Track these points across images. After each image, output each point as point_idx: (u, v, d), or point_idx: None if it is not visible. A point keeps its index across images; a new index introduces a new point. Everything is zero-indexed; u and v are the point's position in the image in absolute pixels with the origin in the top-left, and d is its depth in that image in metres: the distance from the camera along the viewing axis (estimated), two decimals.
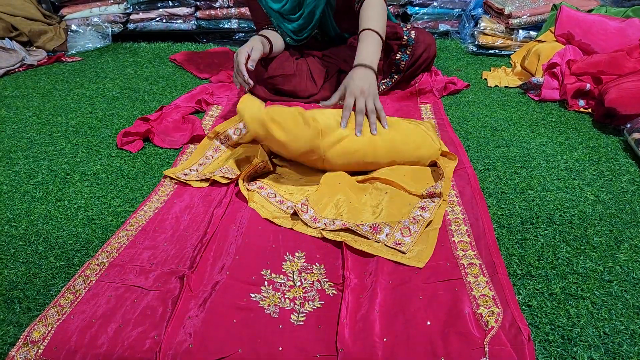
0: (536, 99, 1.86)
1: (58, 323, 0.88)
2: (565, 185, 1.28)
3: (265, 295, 0.94)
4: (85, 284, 0.99)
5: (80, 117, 1.87)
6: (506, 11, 2.44)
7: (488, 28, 2.50)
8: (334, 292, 0.95)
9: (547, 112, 1.75)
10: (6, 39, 2.55)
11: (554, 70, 1.88)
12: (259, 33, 1.81)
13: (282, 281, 0.98)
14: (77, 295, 0.95)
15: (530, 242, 1.07)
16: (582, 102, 1.75)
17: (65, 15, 2.95)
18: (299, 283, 0.98)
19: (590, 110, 1.73)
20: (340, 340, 0.82)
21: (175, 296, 0.94)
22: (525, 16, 2.43)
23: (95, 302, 0.94)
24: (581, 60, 1.82)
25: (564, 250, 1.05)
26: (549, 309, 0.90)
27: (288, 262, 1.04)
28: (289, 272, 1.01)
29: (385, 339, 0.82)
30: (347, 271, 0.98)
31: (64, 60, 2.65)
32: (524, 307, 0.90)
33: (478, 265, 0.97)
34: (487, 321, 0.83)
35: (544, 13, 2.43)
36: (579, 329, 0.85)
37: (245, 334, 0.85)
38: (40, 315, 0.90)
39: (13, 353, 0.83)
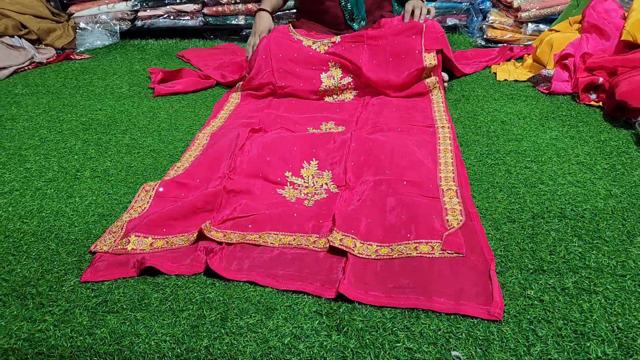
0: (546, 92, 1.85)
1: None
2: (576, 179, 1.27)
3: (287, 191, 1.32)
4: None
5: (89, 114, 1.88)
6: (515, 4, 2.42)
7: (497, 22, 2.49)
8: (337, 190, 1.31)
9: (557, 105, 1.74)
10: (15, 37, 2.56)
11: (565, 62, 1.86)
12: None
13: (300, 183, 1.35)
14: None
15: (541, 237, 1.07)
16: (593, 96, 1.74)
17: (73, 13, 2.96)
18: (312, 185, 1.34)
19: (601, 103, 1.71)
20: (336, 212, 1.15)
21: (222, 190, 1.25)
22: (534, 9, 2.41)
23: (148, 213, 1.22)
24: (597, 56, 1.80)
25: (576, 244, 1.04)
26: (561, 303, 0.89)
27: (305, 168, 1.39)
28: (305, 177, 1.37)
29: (369, 220, 1.14)
30: (348, 177, 1.33)
31: (73, 58, 2.66)
32: (536, 302, 0.90)
33: (454, 191, 1.23)
34: (451, 224, 1.10)
35: (553, 6, 2.41)
36: (592, 324, 0.85)
37: (273, 206, 1.23)
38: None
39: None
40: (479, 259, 1.00)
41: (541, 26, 2.44)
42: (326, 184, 1.34)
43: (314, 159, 1.41)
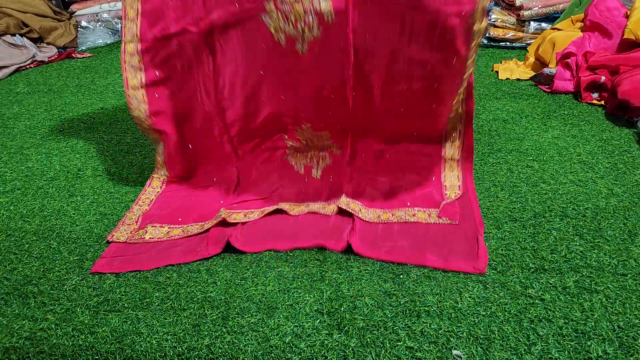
0: (548, 90, 1.84)
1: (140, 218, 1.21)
2: (578, 178, 1.27)
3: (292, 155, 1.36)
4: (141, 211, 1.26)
5: (91, 113, 1.88)
6: (517, 3, 2.41)
7: (499, 20, 2.48)
8: (339, 152, 1.32)
9: (559, 104, 1.73)
10: (17, 35, 2.57)
11: (568, 60, 1.85)
12: None
13: (297, 145, 1.34)
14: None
15: (543, 236, 1.07)
16: (595, 94, 1.73)
17: (75, 12, 2.96)
18: (311, 144, 1.34)
19: (603, 102, 1.71)
20: (344, 191, 1.22)
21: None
22: (536, 7, 2.40)
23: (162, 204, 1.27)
24: (599, 54, 1.79)
25: (578, 243, 1.04)
26: (562, 302, 0.89)
27: (298, 131, 1.33)
28: (303, 140, 1.34)
29: (373, 190, 1.24)
30: (351, 148, 1.33)
31: (75, 56, 2.67)
32: (537, 301, 0.90)
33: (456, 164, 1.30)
34: (449, 197, 1.20)
35: (555, 4, 2.40)
36: (593, 323, 0.85)
37: (286, 185, 1.30)
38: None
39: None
40: (470, 226, 1.11)
41: (543, 24, 2.43)
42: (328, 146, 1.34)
43: (306, 122, 1.30)
